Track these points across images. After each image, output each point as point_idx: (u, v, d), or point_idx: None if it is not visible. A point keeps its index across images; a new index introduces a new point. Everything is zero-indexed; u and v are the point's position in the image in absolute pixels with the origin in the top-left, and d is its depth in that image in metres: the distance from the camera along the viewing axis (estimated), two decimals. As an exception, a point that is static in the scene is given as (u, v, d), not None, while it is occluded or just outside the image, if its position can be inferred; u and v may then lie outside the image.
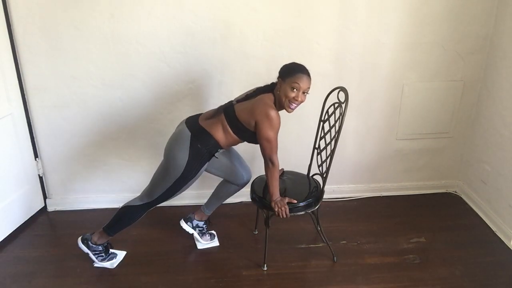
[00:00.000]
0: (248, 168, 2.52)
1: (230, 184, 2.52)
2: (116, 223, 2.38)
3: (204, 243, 2.63)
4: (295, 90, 2.10)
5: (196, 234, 2.62)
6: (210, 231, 2.70)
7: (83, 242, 2.43)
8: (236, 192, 2.56)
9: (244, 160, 2.53)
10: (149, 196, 2.30)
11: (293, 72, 2.12)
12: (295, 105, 2.15)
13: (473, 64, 2.88)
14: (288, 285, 2.35)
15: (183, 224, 2.60)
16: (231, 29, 2.65)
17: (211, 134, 2.19)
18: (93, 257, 2.44)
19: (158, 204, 2.33)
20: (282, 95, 2.13)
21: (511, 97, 2.64)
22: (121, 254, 2.54)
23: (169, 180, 2.22)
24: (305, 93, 2.14)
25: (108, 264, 2.46)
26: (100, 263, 2.45)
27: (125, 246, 2.58)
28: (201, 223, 2.62)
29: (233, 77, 2.77)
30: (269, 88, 2.22)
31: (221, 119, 2.20)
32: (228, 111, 2.21)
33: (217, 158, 2.30)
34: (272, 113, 2.09)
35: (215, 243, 2.66)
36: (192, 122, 2.25)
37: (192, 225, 2.61)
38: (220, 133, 2.20)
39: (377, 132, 3.03)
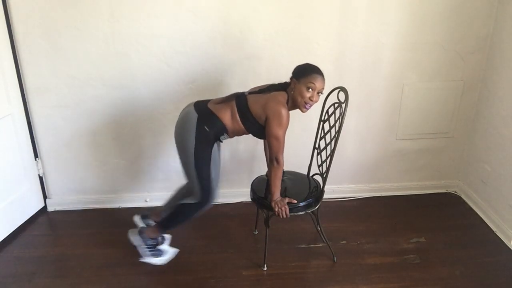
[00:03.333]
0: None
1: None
2: (171, 220, 2.36)
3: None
4: (310, 90, 2.11)
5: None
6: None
7: (139, 234, 2.42)
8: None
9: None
10: (194, 194, 2.27)
11: (308, 73, 2.13)
12: (310, 105, 2.16)
13: (473, 64, 2.88)
14: (288, 285, 2.35)
15: (137, 217, 2.58)
16: (231, 29, 2.65)
17: (219, 117, 2.19)
18: (143, 251, 2.42)
19: (210, 197, 2.25)
20: (297, 95, 2.14)
21: (511, 97, 2.64)
22: (171, 252, 2.50)
23: (192, 169, 2.20)
24: (319, 94, 2.16)
25: (156, 260, 2.43)
26: (148, 258, 2.43)
27: (126, 246, 2.58)
28: (153, 223, 2.56)
29: (233, 77, 2.77)
30: (282, 87, 2.22)
31: (231, 105, 2.20)
32: (240, 99, 2.21)
33: (222, 142, 2.29)
34: (283, 111, 2.10)
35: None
36: (201, 105, 2.24)
37: (145, 223, 2.58)
38: (227, 118, 2.19)
39: (377, 132, 3.03)
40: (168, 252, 2.49)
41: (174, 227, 2.40)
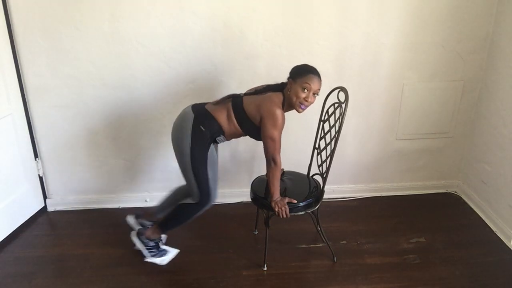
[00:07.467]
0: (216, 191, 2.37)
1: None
2: (171, 221, 2.37)
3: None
4: (305, 90, 2.11)
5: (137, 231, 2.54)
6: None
7: (137, 236, 2.44)
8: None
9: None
10: (193, 195, 2.27)
11: (304, 73, 2.13)
12: (305, 106, 2.16)
13: (473, 64, 2.88)
14: (288, 285, 2.35)
15: (130, 218, 2.58)
16: (231, 29, 2.65)
17: (215, 118, 2.19)
18: (145, 252, 2.44)
19: (209, 198, 2.25)
20: (293, 96, 2.14)
21: (511, 97, 2.64)
22: (173, 252, 2.52)
23: (189, 170, 2.20)
24: (315, 95, 2.15)
25: (158, 260, 2.45)
26: (151, 258, 2.45)
27: (126, 246, 2.58)
28: (148, 223, 2.56)
29: (233, 77, 2.77)
30: (278, 87, 2.22)
31: (227, 106, 2.21)
32: (236, 100, 2.22)
33: (218, 143, 2.29)
34: (278, 112, 2.10)
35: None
36: (198, 107, 2.25)
37: (138, 223, 2.58)
38: (224, 119, 2.19)
39: (377, 132, 3.03)
40: (169, 251, 2.50)
41: (175, 228, 2.40)
